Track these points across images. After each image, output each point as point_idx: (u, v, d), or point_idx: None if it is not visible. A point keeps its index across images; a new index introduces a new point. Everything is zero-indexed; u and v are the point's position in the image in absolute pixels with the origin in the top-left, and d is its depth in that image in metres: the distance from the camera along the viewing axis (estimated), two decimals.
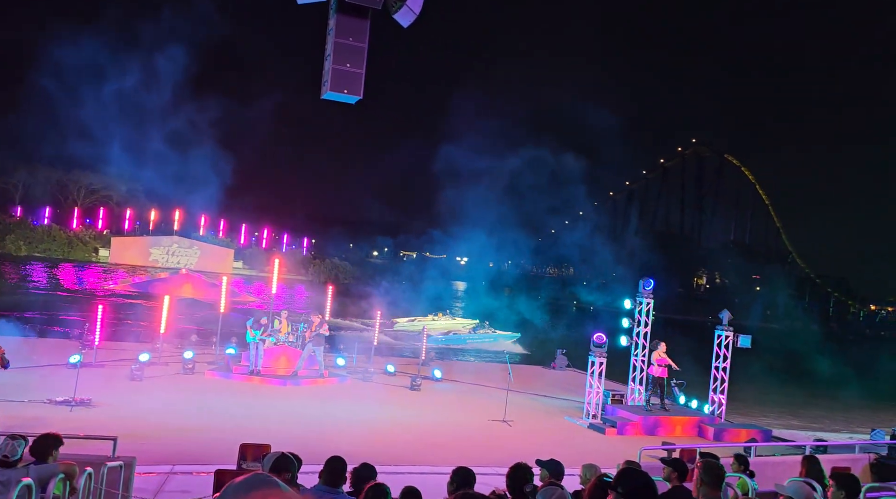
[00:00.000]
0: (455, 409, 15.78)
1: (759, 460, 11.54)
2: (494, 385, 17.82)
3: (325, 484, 4.47)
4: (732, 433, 15.24)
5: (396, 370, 18.98)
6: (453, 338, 38.46)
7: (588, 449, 12.53)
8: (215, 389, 15.25)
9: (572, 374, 22.76)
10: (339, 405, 14.76)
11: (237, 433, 9.75)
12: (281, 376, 16.60)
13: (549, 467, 5.39)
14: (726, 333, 16.16)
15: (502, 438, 13.29)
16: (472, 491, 2.14)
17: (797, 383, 36.30)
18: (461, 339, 38.60)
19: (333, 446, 8.70)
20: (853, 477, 5.79)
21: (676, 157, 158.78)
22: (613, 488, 2.85)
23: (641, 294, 16.56)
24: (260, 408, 13.77)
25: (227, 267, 60.88)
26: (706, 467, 4.54)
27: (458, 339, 38.61)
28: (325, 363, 18.26)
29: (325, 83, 12.31)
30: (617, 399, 16.31)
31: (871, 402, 31.08)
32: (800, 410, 26.45)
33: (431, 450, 11.75)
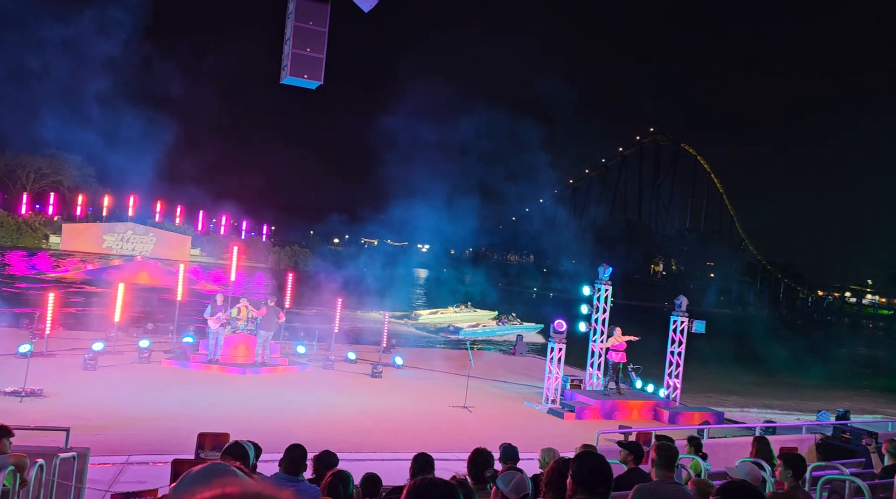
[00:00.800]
0: (416, 396, 15.84)
1: (711, 441, 11.88)
2: (455, 372, 17.94)
3: (284, 472, 4.46)
4: (687, 416, 15.65)
5: (358, 358, 18.95)
6: (484, 331, 38.28)
7: (547, 433, 12.74)
8: (172, 378, 15.01)
9: (532, 360, 23.05)
10: (300, 393, 14.69)
11: (195, 422, 9.63)
12: (240, 365, 16.41)
13: (502, 450, 5.48)
14: (681, 319, 16.55)
15: (463, 424, 13.40)
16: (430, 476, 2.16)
17: (749, 366, 37.39)
18: (492, 331, 38.43)
19: (294, 434, 8.66)
20: (799, 457, 6.01)
21: (635, 145, 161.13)
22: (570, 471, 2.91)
23: (600, 281, 16.83)
24: (219, 397, 13.61)
25: (184, 254, 59.66)
26: (660, 450, 4.66)
27: (489, 332, 38.45)
28: (286, 351, 18.13)
29: (284, 68, 12.11)
30: (575, 384, 16.59)
31: (818, 384, 32.22)
32: (751, 393, 27.26)
33: (392, 437, 11.79)
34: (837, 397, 26.09)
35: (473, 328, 37.30)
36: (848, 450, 10.85)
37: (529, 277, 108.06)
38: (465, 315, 41.03)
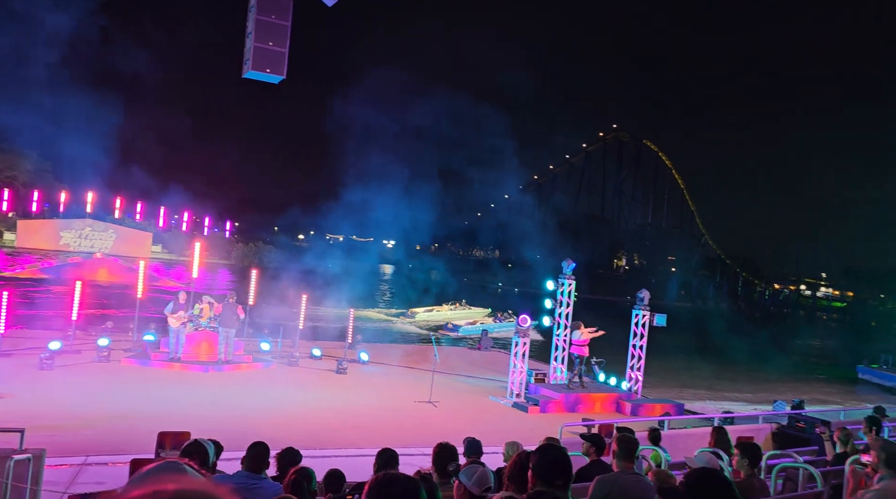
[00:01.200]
0: (381, 391, 15.82)
1: (672, 432, 12.12)
2: (421, 367, 17.97)
3: (247, 470, 4.43)
4: (648, 408, 15.93)
5: (323, 354, 18.84)
6: (482, 327, 37.35)
7: (511, 427, 12.85)
8: (132, 376, 14.73)
9: (497, 354, 23.19)
10: (264, 390, 14.55)
11: (156, 421, 9.47)
12: (203, 363, 16.19)
13: (465, 444, 5.52)
14: (643, 313, 16.82)
15: (428, 418, 13.43)
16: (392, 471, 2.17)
17: (709, 359, 38.19)
18: (490, 328, 37.69)
19: (257, 431, 8.57)
20: (755, 446, 6.18)
21: (598, 141, 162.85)
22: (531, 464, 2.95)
23: (563, 275, 17.00)
24: (180, 395, 13.40)
25: (145, 251, 58.51)
26: (620, 442, 4.75)
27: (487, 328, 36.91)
28: (249, 348, 17.93)
29: (246, 62, 11.95)
30: (539, 378, 16.75)
31: (774, 376, 33.08)
32: (710, 384, 27.86)
33: (357, 432, 11.77)
34: (793, 388, 26.83)
35: (472, 325, 37.55)
36: (802, 438, 11.18)
37: (494, 271, 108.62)
38: (461, 312, 41.57)
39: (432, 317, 40.48)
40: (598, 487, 4.45)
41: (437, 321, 39.48)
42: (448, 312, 41.41)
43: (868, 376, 32.73)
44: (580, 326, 16.43)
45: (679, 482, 2.59)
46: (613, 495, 4.40)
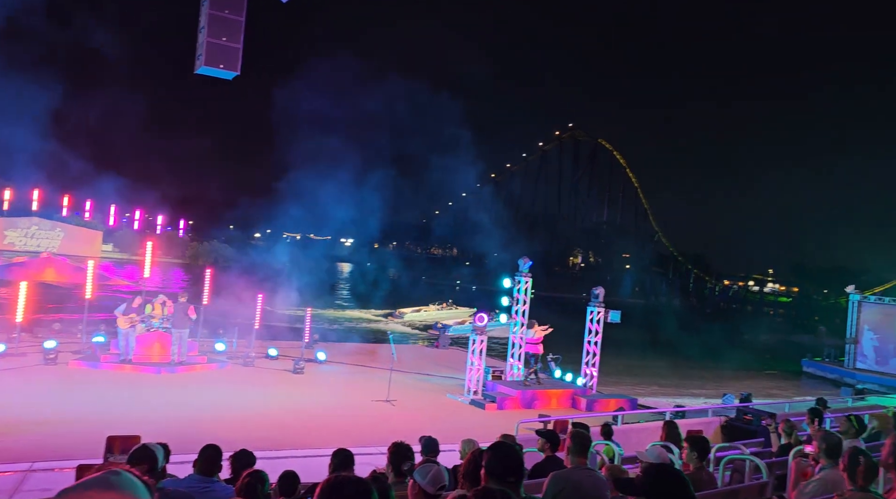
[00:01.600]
0: (339, 390, 15.73)
1: (625, 427, 12.37)
2: (379, 366, 17.92)
3: (199, 473, 4.36)
4: (603, 403, 16.21)
5: (279, 354, 18.63)
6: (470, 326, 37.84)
7: (468, 424, 12.91)
8: (81, 379, 14.32)
9: (455, 352, 23.27)
10: (218, 392, 14.32)
11: (105, 425, 9.24)
12: (155, 364, 15.83)
13: (423, 443, 5.54)
14: (598, 309, 17.09)
15: (385, 417, 13.41)
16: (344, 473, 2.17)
17: (661, 354, 39.00)
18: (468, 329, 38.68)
19: (210, 433, 8.45)
20: (703, 439, 6.35)
21: (554, 140, 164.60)
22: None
23: (520, 273, 17.17)
24: (131, 398, 13.09)
25: (95, 250, 56.88)
26: (574, 437, 4.82)
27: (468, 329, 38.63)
28: (204, 349, 17.61)
29: (199, 57, 11.72)
30: (497, 375, 16.88)
31: (724, 369, 33.99)
32: (663, 379, 28.48)
33: (313, 433, 11.68)
34: (741, 382, 27.62)
35: (461, 325, 37.68)
36: (749, 431, 11.52)
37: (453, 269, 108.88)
38: (448, 312, 42.25)
39: (420, 317, 41.05)
40: (553, 483, 4.51)
41: (425, 321, 40.04)
42: (435, 311, 42.19)
43: (812, 368, 33.89)
44: (534, 324, 16.68)
45: (636, 476, 2.65)
46: (567, 490, 4.47)
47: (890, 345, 30.24)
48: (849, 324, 31.72)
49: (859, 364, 30.92)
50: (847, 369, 31.15)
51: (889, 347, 30.27)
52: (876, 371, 30.02)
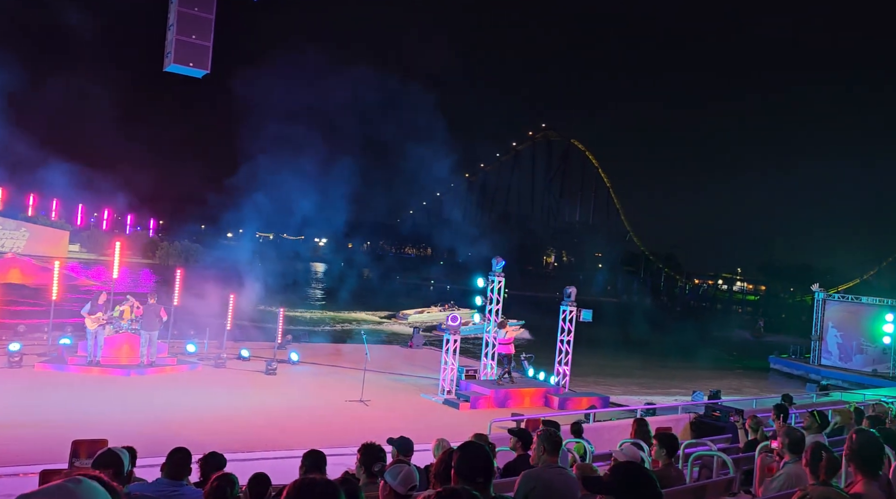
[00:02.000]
0: (312, 391, 15.64)
1: (597, 425, 12.49)
2: (352, 366, 17.85)
3: (167, 477, 4.31)
4: (575, 402, 16.35)
5: (251, 355, 18.46)
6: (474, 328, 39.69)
7: (442, 424, 12.94)
8: (47, 382, 14.04)
9: (429, 352, 23.29)
10: (189, 394, 14.14)
11: (71, 429, 9.06)
12: (124, 366, 15.59)
13: (397, 444, 5.53)
14: (570, 308, 17.24)
15: (359, 418, 13.37)
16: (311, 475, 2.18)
17: (633, 352, 39.43)
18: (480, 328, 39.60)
19: (181, 436, 8.35)
20: (672, 436, 6.45)
21: (527, 141, 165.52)
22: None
23: (493, 273, 17.24)
24: (99, 401, 12.87)
25: (61, 250, 55.70)
26: (544, 436, 4.87)
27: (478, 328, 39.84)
28: (174, 350, 17.39)
29: (168, 55, 11.57)
30: (470, 375, 16.94)
31: (694, 367, 34.50)
32: (635, 377, 28.82)
33: (285, 434, 11.60)
34: (711, 379, 28.05)
35: (465, 325, 38.41)
36: (718, 427, 11.72)
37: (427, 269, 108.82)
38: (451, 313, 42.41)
39: (423, 318, 41.77)
40: (524, 482, 4.55)
41: (428, 322, 40.73)
42: (438, 312, 42.93)
43: (779, 365, 34.57)
44: (505, 324, 16.84)
45: (604, 474, 2.69)
46: (539, 489, 4.51)
47: (853, 342, 30.98)
48: (814, 321, 32.42)
49: (824, 361, 31.62)
50: (812, 366, 31.83)
51: (852, 343, 31.01)
52: (840, 367, 30.74)
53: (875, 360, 30.09)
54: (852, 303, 32.41)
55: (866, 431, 4.43)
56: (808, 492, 3.80)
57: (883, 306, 30.55)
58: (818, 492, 3.76)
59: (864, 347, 30.58)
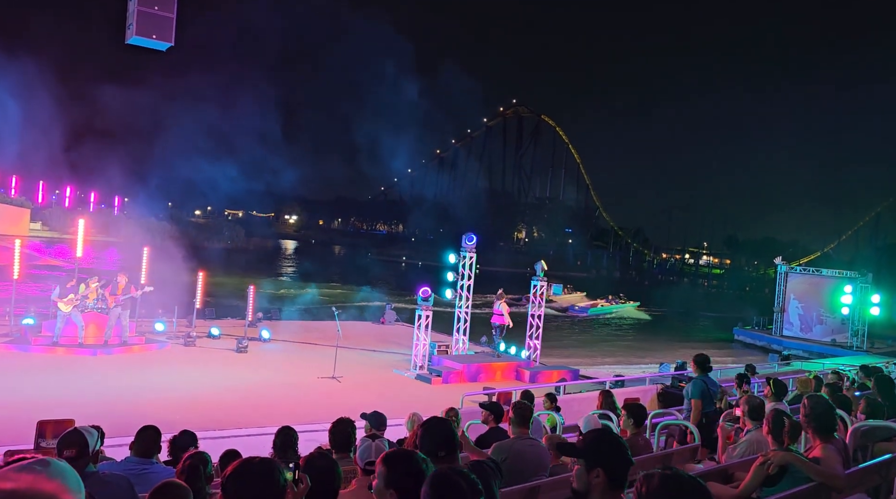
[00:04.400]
0: (283, 368, 15.60)
1: (567, 397, 12.70)
2: (324, 343, 17.83)
3: (136, 455, 4.29)
4: (546, 375, 16.57)
5: (222, 333, 18.31)
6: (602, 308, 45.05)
7: (415, 399, 13.03)
8: (10, 363, 13.75)
9: (400, 328, 23.35)
10: (158, 373, 14.00)
11: (36, 410, 8.92)
12: (90, 346, 15.35)
13: (370, 419, 5.57)
14: (541, 283, 17.40)
15: (331, 394, 13.40)
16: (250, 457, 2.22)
17: (601, 325, 40.02)
18: (608, 309, 45.48)
19: (150, 415, 8.27)
20: (640, 406, 6.59)
21: (498, 117, 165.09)
22: None
23: (465, 249, 17.28)
24: (65, 381, 12.68)
25: (22, 229, 54.33)
26: (515, 408, 4.94)
27: (606, 309, 45.39)
28: (143, 329, 17.17)
29: (129, 27, 11.23)
30: (442, 350, 17.04)
31: (661, 337, 35.18)
32: (603, 349, 29.30)
33: (258, 411, 11.58)
34: (677, 350, 28.63)
35: (594, 307, 44.08)
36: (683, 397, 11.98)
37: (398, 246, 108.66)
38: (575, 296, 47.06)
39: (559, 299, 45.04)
40: (495, 453, 4.62)
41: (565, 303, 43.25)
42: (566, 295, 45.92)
43: (743, 336, 35.42)
44: (503, 296, 17.32)
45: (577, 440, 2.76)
46: (510, 460, 4.59)
47: (813, 313, 31.83)
48: (776, 293, 33.20)
49: (786, 332, 32.47)
50: (774, 337, 32.67)
51: (812, 315, 31.85)
52: (801, 338, 31.60)
53: (834, 330, 30.98)
54: (813, 275, 33.23)
55: (818, 396, 4.60)
56: (769, 457, 3.92)
57: (842, 278, 31.41)
58: (779, 457, 3.89)
59: (824, 318, 31.45)
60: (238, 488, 2.01)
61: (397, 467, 2.27)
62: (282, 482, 2.04)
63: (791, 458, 3.89)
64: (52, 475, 1.27)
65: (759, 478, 3.88)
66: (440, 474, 2.00)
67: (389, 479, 2.26)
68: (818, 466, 3.88)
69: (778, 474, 3.87)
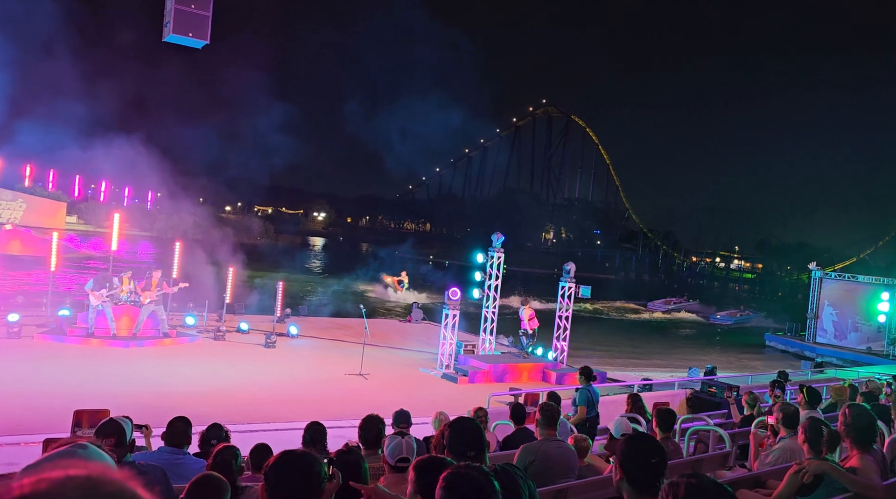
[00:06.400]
0: (311, 364, 15.73)
1: None
2: (352, 340, 17.93)
3: (168, 445, 4.35)
4: (572, 377, 16.39)
5: (251, 328, 18.52)
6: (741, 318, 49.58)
7: (441, 398, 13.04)
8: (47, 353, 14.09)
9: (427, 326, 23.38)
10: (188, 366, 14.22)
11: (72, 399, 9.13)
12: (123, 338, 15.64)
13: (394, 417, 5.60)
14: (569, 284, 17.28)
15: (358, 391, 13.47)
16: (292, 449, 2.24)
17: (630, 328, 39.64)
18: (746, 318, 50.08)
19: (180, 408, 8.39)
20: (670, 411, 6.51)
21: (528, 116, 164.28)
22: None
23: (493, 248, 17.23)
24: (99, 372, 12.94)
25: (58, 222, 55.66)
26: (542, 410, 4.91)
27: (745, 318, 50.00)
28: (174, 323, 17.45)
29: (166, 24, 11.43)
30: (469, 350, 17.01)
31: (690, 343, 34.72)
32: (631, 353, 28.99)
33: (286, 406, 11.68)
34: (707, 355, 28.24)
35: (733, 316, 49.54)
36: (714, 402, 11.83)
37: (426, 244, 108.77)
38: None
39: None
40: (523, 454, 4.60)
41: None
42: None
43: (774, 342, 34.78)
44: (528, 302, 17.43)
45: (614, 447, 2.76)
46: (538, 461, 4.57)
47: (848, 320, 31.12)
48: (810, 299, 32.53)
49: (819, 339, 31.80)
50: (808, 343, 32.02)
51: (847, 322, 31.14)
52: (835, 345, 30.92)
53: (869, 338, 30.25)
54: (849, 281, 32.49)
55: (859, 405, 4.48)
56: (804, 466, 3.84)
57: (878, 285, 30.64)
58: (815, 466, 3.81)
59: (859, 325, 30.73)
60: (280, 478, 2.05)
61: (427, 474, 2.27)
62: (321, 475, 2.06)
63: (827, 467, 3.81)
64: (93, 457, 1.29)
65: (794, 487, 3.80)
66: (455, 472, 2.00)
67: (419, 484, 2.27)
68: (855, 476, 3.79)
69: (813, 484, 3.79)
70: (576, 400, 8.85)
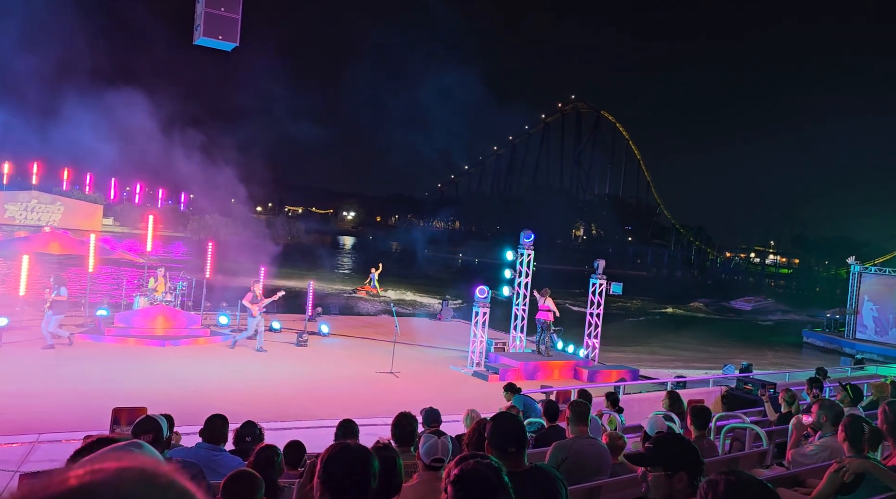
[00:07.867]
0: (342, 362, 15.83)
1: (627, 397, 12.46)
2: (382, 338, 18.01)
3: (206, 441, 4.41)
4: (604, 374, 16.31)
5: (283, 327, 18.72)
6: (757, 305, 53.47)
7: (471, 396, 13.00)
8: (85, 352, 14.41)
9: (457, 324, 23.38)
10: (222, 364, 14.42)
11: (110, 398, 9.32)
12: (159, 337, 15.93)
13: (424, 415, 5.60)
14: (600, 281, 17.12)
15: (389, 389, 13.52)
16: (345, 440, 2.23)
17: (664, 324, 39.17)
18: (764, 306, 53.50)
19: (215, 405, 8.51)
20: (705, 409, 6.41)
21: (556, 113, 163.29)
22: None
23: (523, 246, 17.16)
24: (136, 370, 13.19)
25: (95, 224, 56.93)
26: (572, 407, 4.88)
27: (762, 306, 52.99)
28: (208, 322, 17.70)
29: (197, 28, 11.61)
30: (499, 347, 16.97)
31: (726, 340, 34.17)
32: (664, 349, 28.63)
33: (318, 404, 11.78)
34: (742, 352, 27.76)
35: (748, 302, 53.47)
36: (749, 400, 11.61)
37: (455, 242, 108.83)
38: None
39: None
40: (555, 452, 4.57)
41: None
42: None
43: (812, 339, 34.04)
44: (546, 293, 16.84)
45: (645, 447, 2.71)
46: (570, 459, 4.53)
47: (889, 315, 30.31)
48: (849, 295, 31.77)
49: (859, 335, 31.03)
50: (847, 340, 31.28)
51: (888, 317, 30.34)
52: (875, 342, 30.14)
53: None
54: (889, 276, 31.63)
55: None
56: (845, 464, 3.74)
57: None
58: (856, 464, 3.71)
59: None
60: (338, 469, 2.07)
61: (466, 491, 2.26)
62: (374, 469, 2.08)
63: (869, 466, 3.71)
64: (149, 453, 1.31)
65: (834, 485, 3.71)
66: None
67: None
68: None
69: (854, 482, 3.70)
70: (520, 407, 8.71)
